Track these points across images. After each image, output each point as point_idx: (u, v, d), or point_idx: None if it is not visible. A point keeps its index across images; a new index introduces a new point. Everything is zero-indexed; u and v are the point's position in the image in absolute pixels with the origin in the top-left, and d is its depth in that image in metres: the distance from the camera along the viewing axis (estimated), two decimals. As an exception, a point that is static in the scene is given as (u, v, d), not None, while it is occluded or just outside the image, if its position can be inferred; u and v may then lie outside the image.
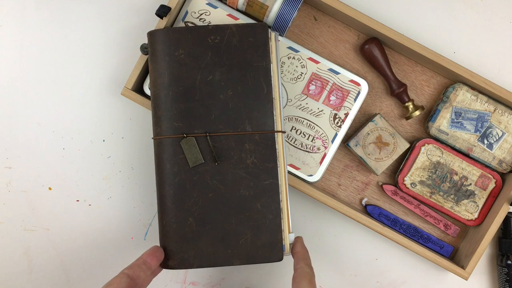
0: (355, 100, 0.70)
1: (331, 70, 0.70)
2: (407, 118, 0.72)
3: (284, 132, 0.64)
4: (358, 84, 0.70)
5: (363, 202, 0.74)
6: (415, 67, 0.74)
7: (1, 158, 0.75)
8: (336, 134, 0.70)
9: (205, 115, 0.63)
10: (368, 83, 0.71)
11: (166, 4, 0.69)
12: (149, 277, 0.60)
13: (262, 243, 0.63)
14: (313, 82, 0.70)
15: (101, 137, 0.75)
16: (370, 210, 0.74)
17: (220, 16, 0.69)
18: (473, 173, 0.71)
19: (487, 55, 0.75)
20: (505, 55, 0.75)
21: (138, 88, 0.71)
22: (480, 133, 0.71)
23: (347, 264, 0.75)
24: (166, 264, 0.63)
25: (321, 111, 0.70)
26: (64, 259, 0.75)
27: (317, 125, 0.70)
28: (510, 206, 0.69)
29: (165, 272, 0.74)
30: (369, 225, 0.70)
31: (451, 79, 0.73)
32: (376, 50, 0.71)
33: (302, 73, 0.70)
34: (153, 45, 0.64)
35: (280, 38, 0.70)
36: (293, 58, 0.70)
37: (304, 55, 0.70)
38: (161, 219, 0.64)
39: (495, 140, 0.71)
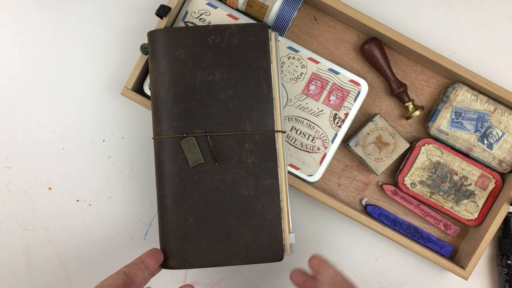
0: (355, 100, 0.70)
1: (331, 70, 0.70)
2: (407, 118, 0.72)
3: (284, 132, 0.64)
4: (358, 84, 0.70)
5: (363, 202, 0.74)
6: (415, 67, 0.74)
7: (1, 158, 0.75)
8: (336, 134, 0.70)
9: (205, 115, 0.63)
10: (368, 83, 0.71)
11: (166, 4, 0.69)
12: (147, 277, 0.60)
13: (262, 243, 0.63)
14: (313, 82, 0.70)
15: (101, 137, 0.75)
16: (370, 210, 0.74)
17: (220, 16, 0.69)
18: (473, 173, 0.71)
19: (487, 55, 0.75)
20: (505, 55, 0.75)
21: (138, 88, 0.71)
22: (480, 133, 0.71)
23: (347, 264, 0.75)
24: (166, 264, 0.63)
25: (321, 111, 0.70)
26: (64, 259, 0.75)
27: (317, 125, 0.70)
28: (510, 206, 0.69)
29: (165, 272, 0.74)
30: (369, 225, 0.70)
31: (451, 79, 0.73)
32: (376, 50, 0.71)
33: (302, 73, 0.70)
34: (153, 45, 0.64)
35: (280, 38, 0.70)
36: (293, 58, 0.70)
37: (304, 55, 0.70)
38: (161, 219, 0.63)
39: (495, 140, 0.71)
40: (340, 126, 0.70)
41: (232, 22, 0.69)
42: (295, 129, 0.70)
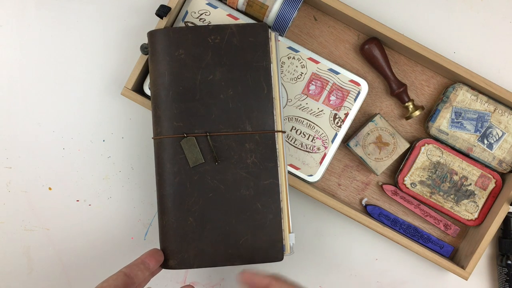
0: (355, 100, 0.70)
1: (331, 70, 0.70)
2: (407, 118, 0.72)
3: (284, 132, 0.64)
4: (358, 84, 0.70)
5: (363, 202, 0.74)
6: (415, 67, 0.74)
7: (1, 158, 0.75)
8: (336, 134, 0.70)
9: (206, 115, 0.63)
10: (368, 83, 0.71)
11: (166, 4, 0.69)
12: (147, 277, 0.60)
13: (262, 243, 0.63)
14: (313, 82, 0.70)
15: (101, 137, 0.75)
16: (370, 210, 0.74)
17: (220, 16, 0.69)
18: (473, 173, 0.71)
19: (487, 55, 0.75)
20: (505, 55, 0.75)
21: (138, 88, 0.71)
22: (480, 133, 0.71)
23: (347, 264, 0.75)
24: (166, 264, 0.63)
25: (321, 111, 0.70)
26: (64, 259, 0.75)
27: (317, 125, 0.70)
28: (510, 206, 0.69)
29: (165, 272, 0.74)
30: (369, 225, 0.70)
31: (451, 79, 0.73)
32: (376, 50, 0.71)
33: (302, 73, 0.70)
34: (153, 45, 0.64)
35: (280, 38, 0.70)
36: (293, 58, 0.70)
37: (304, 55, 0.70)
38: (161, 219, 0.63)
39: (495, 140, 0.71)
40: (340, 126, 0.70)
41: (232, 22, 0.69)
42: (295, 129, 0.70)
